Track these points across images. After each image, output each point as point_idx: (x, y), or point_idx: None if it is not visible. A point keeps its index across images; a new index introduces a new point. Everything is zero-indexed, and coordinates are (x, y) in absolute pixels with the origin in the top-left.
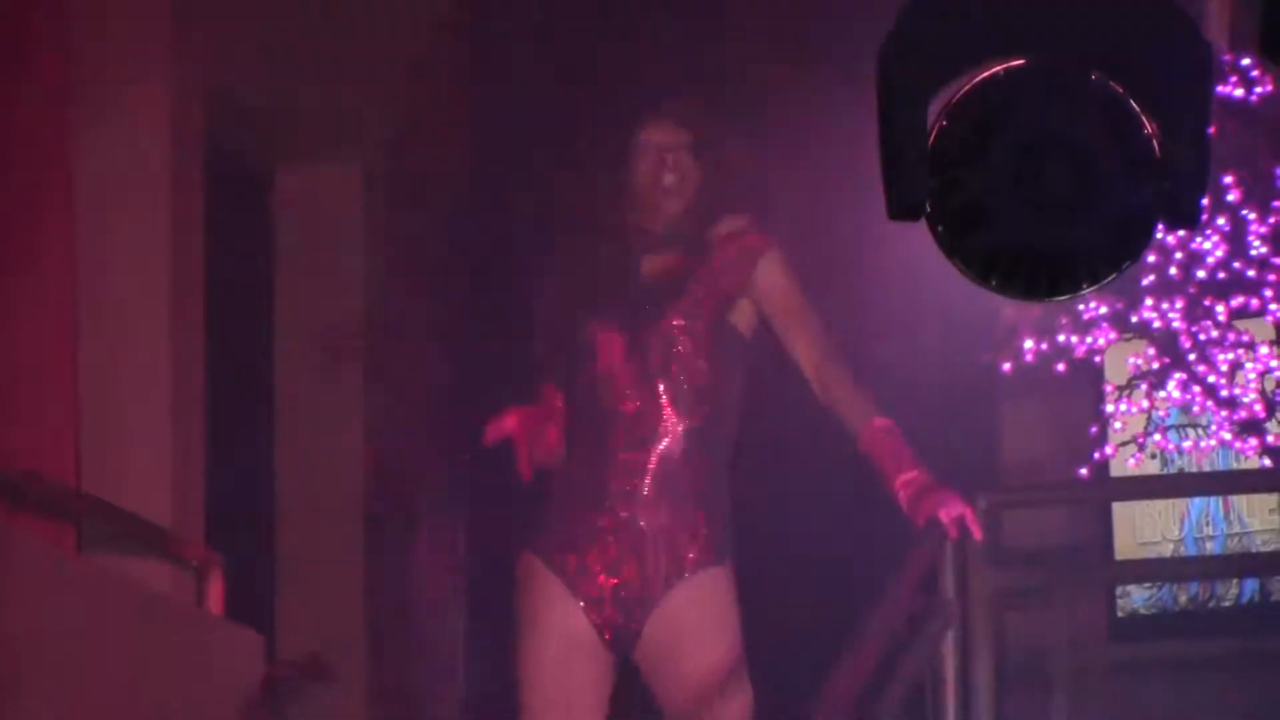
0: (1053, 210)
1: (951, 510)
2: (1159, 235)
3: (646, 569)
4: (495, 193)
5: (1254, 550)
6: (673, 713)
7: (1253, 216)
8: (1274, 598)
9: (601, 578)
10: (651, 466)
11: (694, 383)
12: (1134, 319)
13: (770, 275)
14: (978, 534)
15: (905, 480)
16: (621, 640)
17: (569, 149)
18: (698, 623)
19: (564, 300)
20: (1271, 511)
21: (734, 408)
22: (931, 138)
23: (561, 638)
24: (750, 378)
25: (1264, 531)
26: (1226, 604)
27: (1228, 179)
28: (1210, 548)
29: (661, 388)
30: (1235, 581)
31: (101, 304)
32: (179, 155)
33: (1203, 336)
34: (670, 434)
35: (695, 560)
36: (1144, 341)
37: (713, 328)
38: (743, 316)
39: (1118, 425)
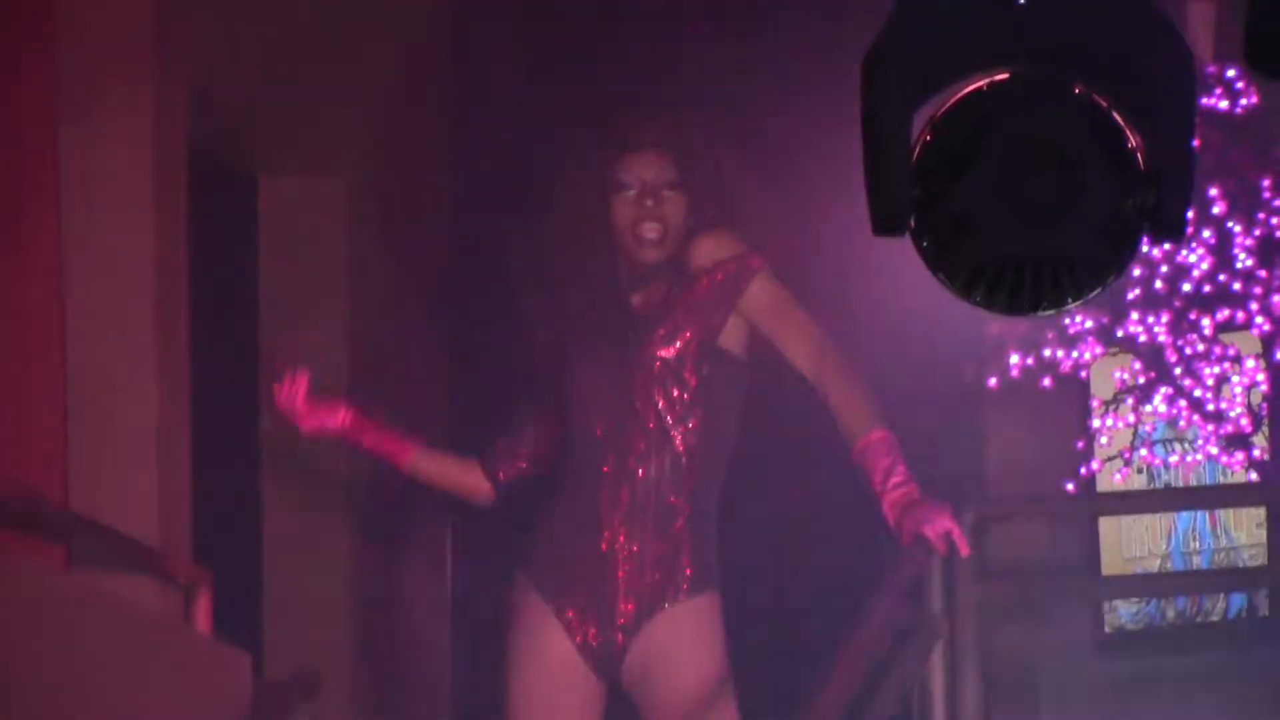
0: (1037, 224)
1: (938, 526)
2: (1144, 248)
3: (632, 595)
4: (480, 208)
5: (1240, 565)
6: None
7: (1238, 229)
8: (1261, 612)
9: (587, 604)
10: (639, 494)
11: (680, 411)
12: (1120, 333)
13: (761, 292)
14: (964, 549)
15: (893, 497)
16: (608, 666)
17: (547, 194)
18: (683, 647)
19: (548, 330)
20: (1258, 526)
21: (727, 433)
22: (915, 152)
23: (549, 662)
24: (747, 398)
25: (1250, 546)
26: (1214, 619)
27: (1213, 191)
28: (1197, 562)
29: (647, 418)
30: (1222, 596)
31: (87, 316)
32: (163, 160)
33: (1189, 350)
34: (657, 462)
35: (682, 587)
36: (1130, 356)
37: (700, 355)
38: (734, 337)
39: (1104, 440)
